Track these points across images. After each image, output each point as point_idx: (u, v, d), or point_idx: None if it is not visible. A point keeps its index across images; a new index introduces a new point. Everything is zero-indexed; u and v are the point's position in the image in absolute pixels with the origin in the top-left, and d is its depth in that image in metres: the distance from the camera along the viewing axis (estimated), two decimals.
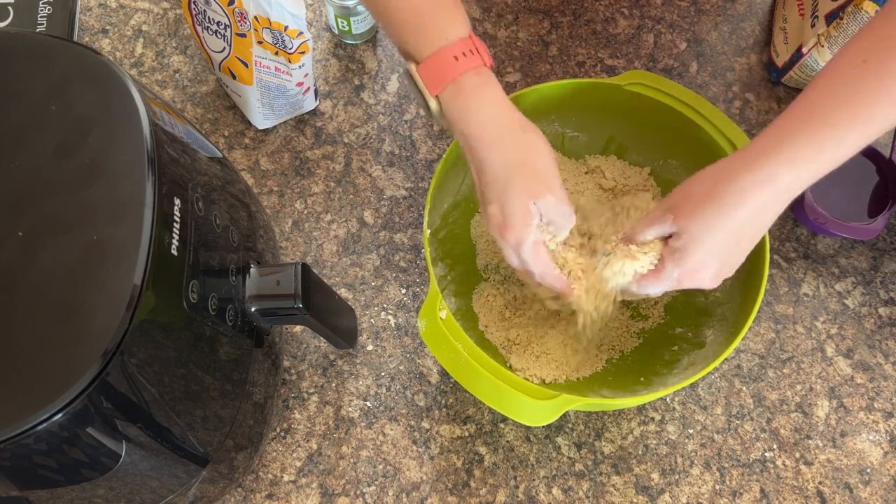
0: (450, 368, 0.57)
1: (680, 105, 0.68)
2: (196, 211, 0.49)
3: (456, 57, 0.55)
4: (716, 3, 0.88)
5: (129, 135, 0.46)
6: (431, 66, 0.55)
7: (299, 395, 0.69)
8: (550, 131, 0.74)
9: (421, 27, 0.55)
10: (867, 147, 0.76)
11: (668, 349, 0.67)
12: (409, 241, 0.76)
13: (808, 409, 0.69)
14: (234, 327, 0.53)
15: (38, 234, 0.43)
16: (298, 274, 0.56)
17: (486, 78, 0.56)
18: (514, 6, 0.88)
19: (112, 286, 0.42)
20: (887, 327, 0.73)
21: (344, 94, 0.82)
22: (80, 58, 0.49)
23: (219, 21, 0.71)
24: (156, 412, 0.47)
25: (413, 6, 0.55)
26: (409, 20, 0.55)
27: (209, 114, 0.81)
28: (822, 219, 0.71)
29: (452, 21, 0.56)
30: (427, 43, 0.55)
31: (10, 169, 0.45)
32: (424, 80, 0.55)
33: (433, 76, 0.55)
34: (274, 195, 0.77)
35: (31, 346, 0.41)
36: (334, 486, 0.66)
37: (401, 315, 0.72)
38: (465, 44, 0.55)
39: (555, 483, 0.66)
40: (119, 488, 0.49)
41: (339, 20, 0.82)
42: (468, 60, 0.55)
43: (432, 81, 0.55)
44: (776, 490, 0.66)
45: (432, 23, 0.55)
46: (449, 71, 0.55)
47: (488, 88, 0.56)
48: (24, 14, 0.81)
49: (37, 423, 0.39)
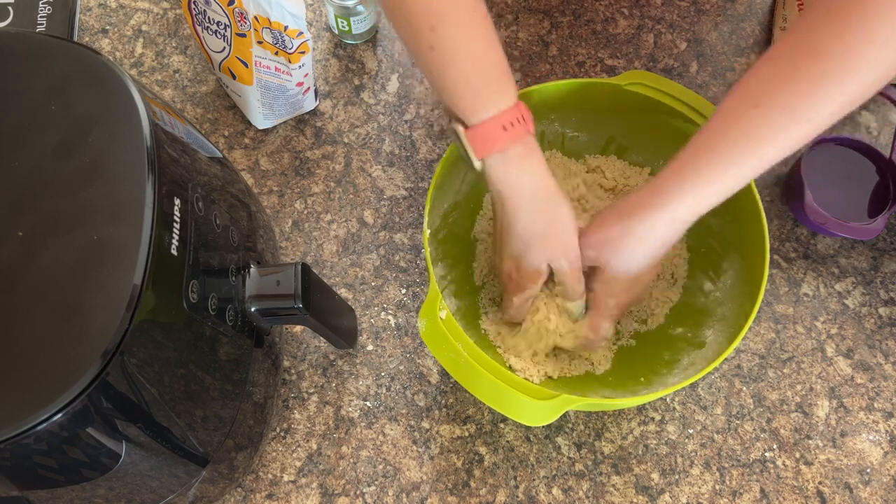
0: (450, 369, 0.57)
1: (680, 105, 0.68)
2: (196, 211, 0.49)
3: (504, 127, 0.57)
4: (716, 3, 0.88)
5: (129, 135, 0.46)
6: (480, 133, 0.57)
7: (299, 395, 0.69)
8: (550, 131, 0.74)
9: (473, 93, 0.57)
10: (867, 147, 0.76)
11: (669, 349, 0.67)
12: (409, 241, 0.76)
13: (808, 409, 0.69)
14: (234, 327, 0.53)
15: (38, 234, 0.43)
16: (298, 274, 0.56)
17: (529, 148, 0.59)
18: (514, 6, 0.88)
19: (112, 286, 0.42)
20: (887, 327, 0.73)
21: (344, 94, 0.82)
22: (80, 58, 0.49)
23: (219, 21, 0.71)
24: (156, 412, 0.47)
25: (466, 72, 0.57)
26: (460, 84, 0.57)
27: (209, 114, 0.81)
28: (822, 219, 0.71)
29: (504, 89, 0.58)
30: (478, 110, 0.57)
31: (10, 169, 0.45)
32: (472, 144, 0.58)
33: (481, 142, 0.57)
34: (274, 195, 0.77)
35: (31, 346, 0.41)
36: (334, 486, 0.66)
37: (401, 315, 0.72)
38: (513, 113, 0.57)
39: (555, 483, 0.66)
40: (119, 488, 0.49)
41: (339, 20, 0.82)
42: (515, 130, 0.57)
43: (479, 147, 0.58)
44: (776, 490, 0.66)
45: (484, 91, 0.57)
46: (496, 140, 0.57)
47: (530, 159, 0.59)
48: (24, 14, 0.81)
49: (37, 423, 0.39)
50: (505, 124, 0.57)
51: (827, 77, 0.51)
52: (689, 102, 0.68)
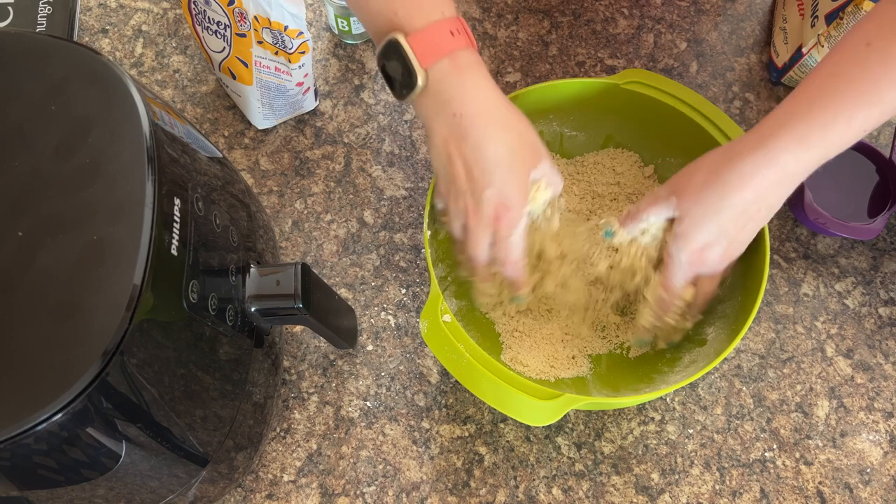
0: (452, 370, 0.57)
1: (677, 103, 0.68)
2: (196, 211, 0.49)
3: (452, 32, 0.53)
4: (716, 3, 0.88)
5: (129, 135, 0.46)
6: (425, 36, 0.52)
7: (299, 395, 0.69)
8: (549, 131, 0.74)
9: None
10: (867, 147, 0.76)
11: (670, 347, 0.67)
12: (409, 241, 0.76)
13: (808, 409, 0.69)
14: (234, 327, 0.53)
15: (37, 234, 0.43)
16: (298, 274, 0.56)
17: (478, 58, 0.55)
18: (514, 6, 0.88)
19: (112, 286, 0.42)
20: (887, 327, 0.73)
21: (344, 94, 0.82)
22: (80, 58, 0.49)
23: (219, 21, 0.71)
24: (156, 412, 0.47)
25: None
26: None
27: (209, 114, 0.81)
28: (822, 219, 0.72)
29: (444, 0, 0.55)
30: (422, 14, 0.53)
31: (10, 169, 0.45)
32: (415, 51, 0.53)
33: (427, 48, 0.53)
34: (274, 195, 0.77)
35: (31, 346, 0.41)
36: (334, 486, 0.66)
37: (401, 315, 0.72)
38: (458, 23, 0.54)
39: (555, 483, 0.66)
40: (119, 488, 0.49)
41: (339, 20, 0.82)
42: (462, 38, 0.54)
43: (425, 53, 0.53)
44: (776, 490, 0.66)
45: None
46: (445, 44, 0.53)
47: (481, 68, 0.55)
48: (24, 14, 0.81)
49: (37, 423, 0.39)
50: (452, 30, 0.53)
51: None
52: (687, 100, 0.68)
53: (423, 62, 0.53)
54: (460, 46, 0.53)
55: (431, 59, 0.53)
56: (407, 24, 0.53)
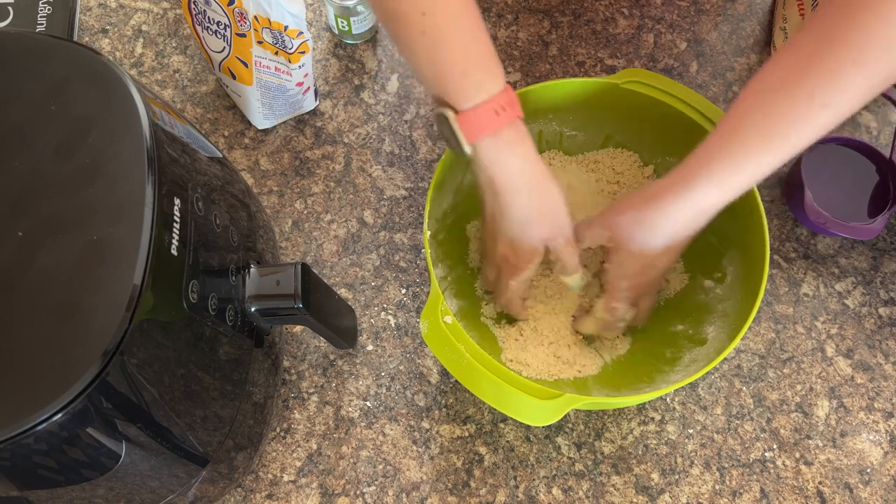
0: (453, 370, 0.57)
1: (677, 102, 0.68)
2: (196, 211, 0.49)
3: (496, 111, 0.57)
4: (716, 3, 0.88)
5: (129, 135, 0.46)
6: (472, 118, 0.57)
7: (299, 395, 0.69)
8: (549, 130, 0.74)
9: (462, 78, 0.57)
10: (867, 147, 0.76)
11: (670, 346, 0.67)
12: (409, 241, 0.76)
13: (808, 409, 0.69)
14: (234, 327, 0.53)
15: (37, 234, 0.43)
16: (298, 274, 0.56)
17: (520, 132, 0.59)
18: (514, 6, 0.88)
19: (112, 286, 0.42)
20: (887, 327, 0.73)
21: (344, 94, 0.82)
22: (80, 58, 0.49)
23: (219, 21, 0.71)
24: (156, 412, 0.47)
25: (457, 58, 0.57)
26: (453, 70, 0.57)
27: (209, 114, 0.81)
28: (822, 219, 0.71)
29: (493, 74, 0.58)
30: (469, 94, 0.57)
31: (10, 169, 0.45)
32: (463, 130, 0.58)
33: (472, 127, 0.58)
34: (274, 195, 0.77)
35: (31, 346, 0.41)
36: (334, 486, 0.66)
37: (401, 315, 0.72)
38: (503, 98, 0.58)
39: (555, 483, 0.66)
40: (119, 488, 0.49)
41: (339, 20, 0.82)
42: (506, 115, 0.58)
43: (471, 132, 0.58)
44: (776, 490, 0.66)
45: (475, 75, 0.57)
46: (488, 124, 0.57)
47: (522, 143, 0.60)
48: (24, 14, 0.81)
49: (37, 423, 0.39)
50: (496, 108, 0.57)
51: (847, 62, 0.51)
52: (686, 100, 0.68)
53: (470, 139, 0.58)
54: (504, 124, 0.58)
55: (477, 137, 0.58)
56: (455, 104, 0.58)
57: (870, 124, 0.81)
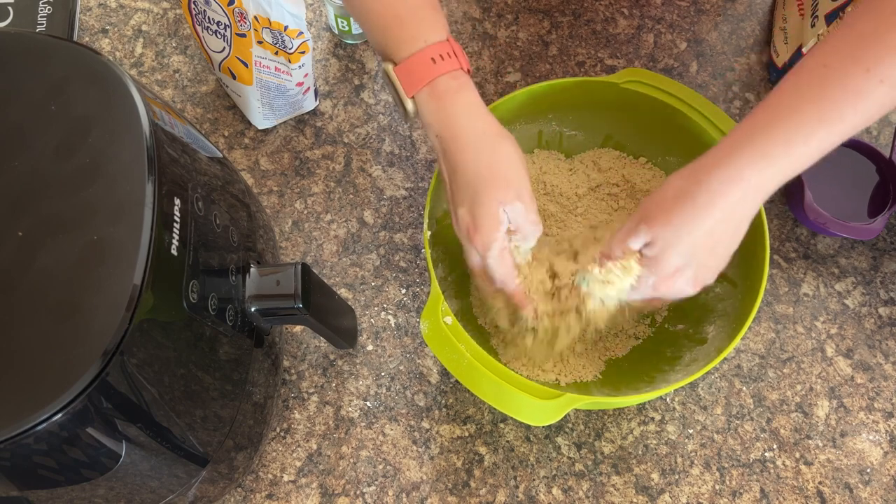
0: (453, 370, 0.57)
1: (677, 102, 0.68)
2: (196, 211, 0.49)
3: (433, 59, 0.55)
4: (716, 3, 0.88)
5: (129, 135, 0.46)
6: (408, 67, 0.55)
7: (299, 395, 0.69)
8: (548, 130, 0.74)
9: (399, 29, 0.56)
10: (867, 147, 0.76)
11: (671, 346, 0.67)
12: (409, 241, 0.76)
13: (808, 409, 0.69)
14: (234, 327, 0.53)
15: (37, 234, 0.43)
16: (298, 274, 0.56)
17: (462, 82, 0.56)
18: (514, 6, 0.88)
19: (112, 286, 0.42)
20: (887, 327, 0.73)
21: (344, 94, 0.82)
22: (80, 58, 0.49)
23: (219, 21, 0.71)
24: (156, 412, 0.47)
25: (392, 8, 0.56)
26: (388, 22, 0.56)
27: (209, 114, 0.81)
28: (822, 219, 0.72)
29: (431, 24, 0.56)
30: (405, 44, 0.55)
31: (10, 169, 0.45)
32: (401, 81, 0.56)
33: (410, 77, 0.55)
34: (274, 195, 0.77)
35: (31, 346, 0.41)
36: (334, 486, 0.66)
37: (401, 315, 0.72)
38: (442, 47, 0.56)
39: (555, 483, 0.66)
40: (119, 488, 0.49)
41: (339, 20, 0.82)
42: (445, 63, 0.55)
43: (409, 82, 0.56)
44: (776, 490, 0.66)
45: (411, 25, 0.56)
46: (425, 73, 0.55)
47: (465, 93, 0.56)
48: (24, 14, 0.81)
49: (37, 423, 0.39)
50: (434, 57, 0.55)
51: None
52: (685, 99, 0.68)
53: (408, 91, 0.56)
54: (442, 72, 0.55)
55: (415, 88, 0.55)
56: (393, 55, 0.56)
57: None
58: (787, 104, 0.51)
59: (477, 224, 0.56)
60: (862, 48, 0.49)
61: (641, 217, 0.55)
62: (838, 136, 0.51)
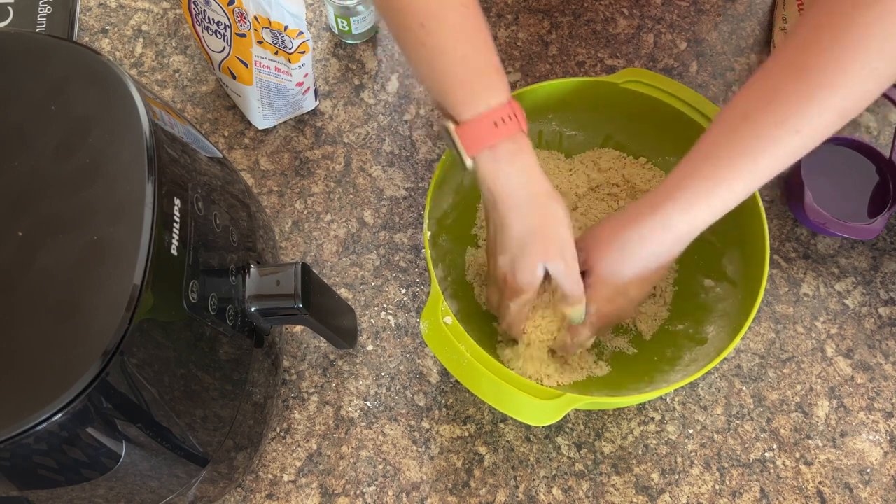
0: (453, 370, 0.57)
1: (677, 102, 0.68)
2: (196, 211, 0.49)
3: (495, 123, 0.57)
4: (716, 3, 0.88)
5: (129, 135, 0.46)
6: (470, 129, 0.57)
7: (299, 395, 0.69)
8: (548, 130, 0.74)
9: (463, 92, 0.57)
10: (867, 147, 0.76)
11: (671, 346, 0.67)
12: (409, 241, 0.76)
13: (808, 409, 0.69)
14: (234, 327, 0.53)
15: (37, 234, 0.43)
16: (298, 274, 0.56)
17: (521, 145, 0.58)
18: (514, 6, 0.88)
19: (112, 286, 0.42)
20: (887, 327, 0.73)
21: (344, 94, 0.82)
22: (80, 58, 0.49)
23: (219, 21, 0.71)
24: (156, 412, 0.47)
25: (456, 75, 0.57)
26: (451, 85, 0.57)
27: (209, 114, 0.81)
28: (822, 219, 0.71)
29: (495, 86, 0.57)
30: (468, 107, 0.57)
31: (10, 169, 0.45)
32: (462, 142, 0.57)
33: (471, 139, 0.57)
34: (274, 195, 0.77)
35: (31, 346, 0.41)
36: (334, 486, 0.66)
37: (401, 315, 0.72)
38: (504, 110, 0.57)
39: (555, 483, 0.66)
40: (119, 488, 0.49)
41: (339, 20, 0.82)
42: (506, 127, 0.57)
43: (470, 144, 0.57)
44: (776, 490, 0.66)
45: (476, 89, 0.57)
46: (487, 136, 0.57)
47: (522, 156, 0.58)
48: (24, 14, 0.81)
49: (37, 423, 0.39)
50: (496, 120, 0.56)
51: (817, 89, 0.51)
52: (685, 99, 0.68)
53: (469, 152, 0.57)
54: (503, 136, 0.57)
55: (475, 150, 0.57)
56: (457, 115, 0.57)
57: (870, 124, 0.81)
58: (713, 153, 0.56)
59: (515, 273, 0.60)
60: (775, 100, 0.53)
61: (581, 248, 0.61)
62: (757, 182, 0.55)
